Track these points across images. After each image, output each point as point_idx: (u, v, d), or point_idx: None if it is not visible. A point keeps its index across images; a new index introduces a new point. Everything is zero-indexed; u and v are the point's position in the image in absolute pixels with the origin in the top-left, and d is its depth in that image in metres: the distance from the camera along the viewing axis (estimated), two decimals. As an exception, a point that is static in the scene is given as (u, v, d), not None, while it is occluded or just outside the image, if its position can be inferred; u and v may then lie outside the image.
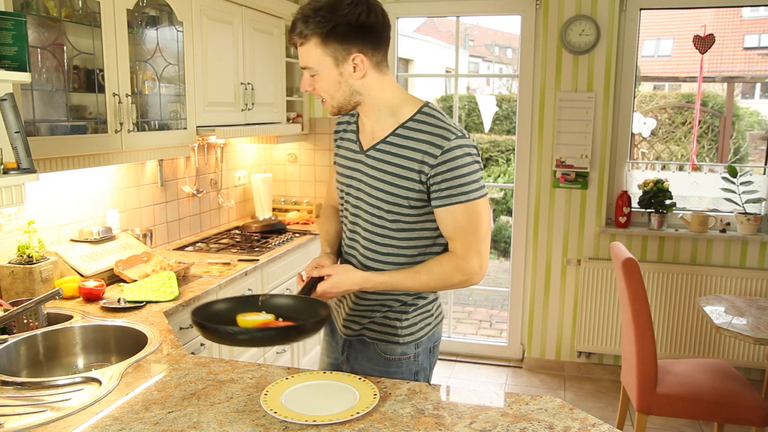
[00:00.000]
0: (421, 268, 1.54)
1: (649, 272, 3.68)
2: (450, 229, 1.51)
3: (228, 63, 3.07)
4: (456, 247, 1.52)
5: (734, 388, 2.65)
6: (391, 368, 1.63)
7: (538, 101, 3.78)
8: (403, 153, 1.50)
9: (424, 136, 1.48)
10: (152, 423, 1.33)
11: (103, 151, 2.29)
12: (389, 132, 1.53)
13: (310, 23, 1.43)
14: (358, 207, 1.59)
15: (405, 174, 1.49)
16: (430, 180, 1.47)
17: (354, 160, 1.61)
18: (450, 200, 1.47)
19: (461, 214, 1.48)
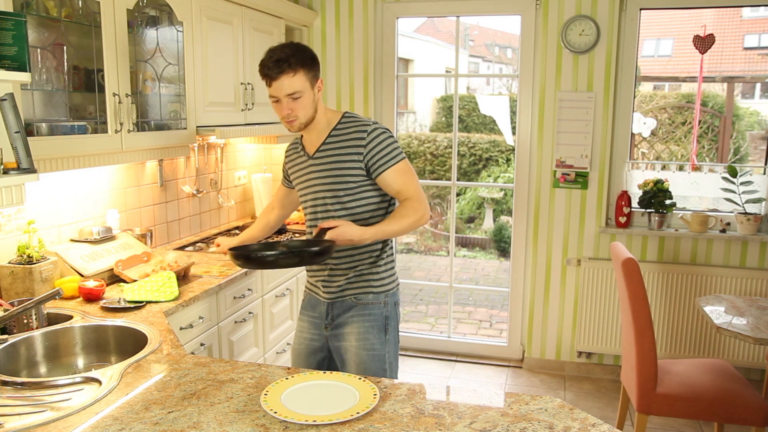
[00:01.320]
0: (394, 216, 2.00)
1: (649, 272, 3.68)
2: (396, 186, 2.02)
3: (228, 63, 3.07)
4: (408, 194, 2.02)
5: (734, 388, 2.65)
6: (366, 311, 2.09)
7: (538, 101, 3.78)
8: (340, 146, 2.03)
9: (351, 131, 2.04)
10: (152, 423, 1.33)
11: (103, 151, 2.29)
12: (325, 136, 2.06)
13: (295, 59, 1.93)
14: (317, 197, 2.08)
15: (347, 159, 2.02)
16: (366, 158, 2.00)
17: (306, 166, 2.11)
18: (387, 165, 2.01)
19: (401, 172, 2.02)
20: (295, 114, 1.99)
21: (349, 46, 3.99)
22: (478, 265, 7.42)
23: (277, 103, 1.99)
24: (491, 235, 7.89)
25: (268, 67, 1.95)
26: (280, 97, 1.96)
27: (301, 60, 1.96)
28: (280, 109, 1.99)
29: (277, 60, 1.93)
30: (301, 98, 1.97)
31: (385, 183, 2.03)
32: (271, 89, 1.97)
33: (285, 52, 1.94)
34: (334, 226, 1.93)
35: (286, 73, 1.93)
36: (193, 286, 2.47)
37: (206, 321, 2.49)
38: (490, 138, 8.55)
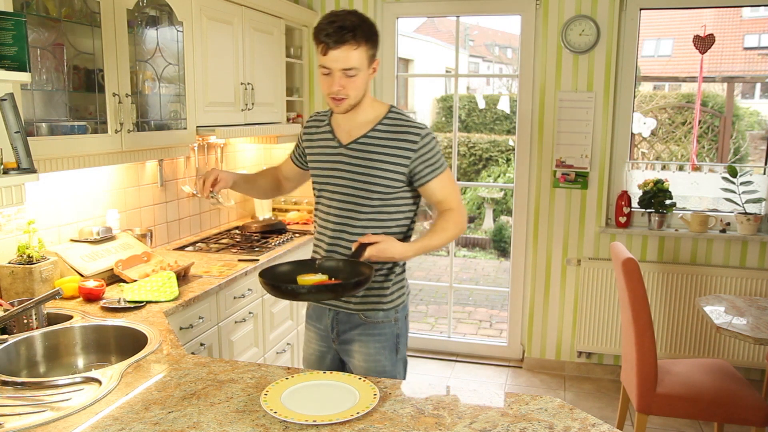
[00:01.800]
0: (438, 228, 1.87)
1: (649, 272, 3.68)
2: (440, 195, 1.89)
3: (228, 63, 3.07)
4: (450, 205, 1.90)
5: (734, 388, 2.65)
6: (376, 330, 1.92)
7: (538, 101, 3.78)
8: (385, 143, 1.84)
9: (401, 131, 1.84)
10: (152, 423, 1.33)
11: (103, 151, 2.29)
12: (367, 129, 1.87)
13: (360, 31, 1.74)
14: (343, 194, 1.88)
15: (391, 161, 1.83)
16: (413, 164, 1.83)
17: (334, 154, 1.90)
18: (434, 174, 1.86)
19: (445, 181, 1.88)
20: (346, 92, 1.78)
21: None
22: (478, 265, 7.42)
23: (327, 76, 1.78)
24: (491, 235, 7.89)
25: (328, 33, 1.72)
26: (333, 70, 1.75)
27: (366, 33, 1.76)
28: (329, 83, 1.78)
29: (340, 27, 1.71)
30: (357, 76, 1.77)
31: (429, 192, 1.89)
32: (326, 58, 1.75)
33: (351, 21, 1.73)
34: (374, 242, 1.75)
35: (348, 44, 1.72)
36: (193, 286, 2.47)
37: (206, 321, 2.49)
38: (490, 138, 8.55)
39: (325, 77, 1.78)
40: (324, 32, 1.73)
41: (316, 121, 2.01)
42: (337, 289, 1.67)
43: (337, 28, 1.71)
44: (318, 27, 1.75)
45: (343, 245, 1.89)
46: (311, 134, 2.00)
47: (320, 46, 1.75)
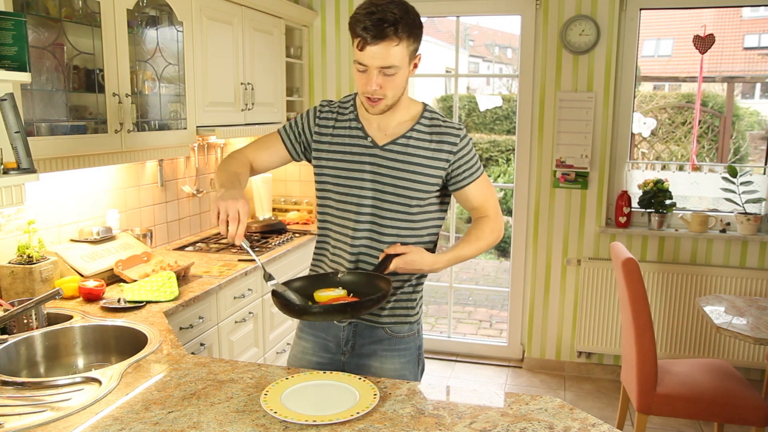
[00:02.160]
0: (472, 237, 1.74)
1: (649, 272, 3.68)
2: (477, 200, 1.76)
3: (228, 63, 3.07)
4: (487, 211, 1.77)
5: (734, 388, 2.65)
6: (401, 345, 1.77)
7: (538, 101, 3.78)
8: (424, 145, 1.69)
9: (441, 131, 1.70)
10: (152, 423, 1.33)
11: (103, 151, 2.29)
12: (405, 129, 1.70)
13: (404, 24, 1.54)
14: (376, 198, 1.69)
15: (430, 164, 1.68)
16: (452, 166, 1.70)
17: (365, 155, 1.70)
18: (472, 177, 1.73)
19: (482, 186, 1.76)
20: (383, 92, 1.60)
21: (349, 46, 3.99)
22: (478, 265, 7.42)
23: (363, 74, 1.59)
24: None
25: (365, 26, 1.52)
26: (370, 67, 1.56)
27: (410, 27, 1.56)
28: (365, 81, 1.59)
29: (380, 20, 1.52)
30: (396, 75, 1.58)
31: (466, 197, 1.75)
32: (362, 54, 1.55)
33: (393, 13, 1.53)
34: (402, 253, 1.62)
35: (389, 39, 1.53)
36: (193, 286, 2.47)
37: (206, 321, 2.49)
38: (490, 138, 8.55)
39: (360, 74, 1.60)
40: (361, 25, 1.53)
41: (332, 113, 1.77)
42: (348, 309, 1.52)
43: (376, 21, 1.51)
44: (355, 17, 1.56)
45: (372, 254, 1.72)
46: (326, 126, 1.75)
47: (357, 40, 1.55)
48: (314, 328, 1.82)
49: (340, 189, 1.72)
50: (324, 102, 1.79)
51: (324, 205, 1.78)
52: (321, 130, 1.75)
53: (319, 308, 1.54)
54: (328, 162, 1.74)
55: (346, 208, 1.72)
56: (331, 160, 1.73)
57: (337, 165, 1.72)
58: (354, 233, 1.71)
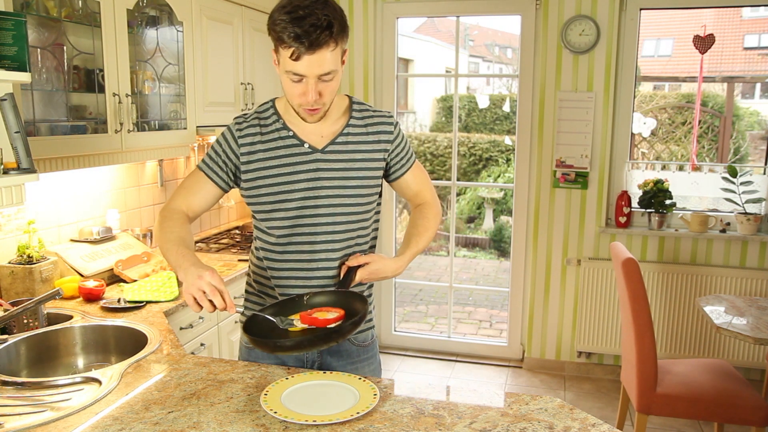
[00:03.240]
0: (421, 229, 1.69)
1: (649, 272, 3.68)
2: (415, 186, 1.74)
3: (228, 63, 3.07)
4: (425, 196, 1.75)
5: (734, 388, 2.65)
6: (368, 353, 1.72)
7: (538, 101, 3.78)
8: (362, 140, 1.63)
9: (375, 122, 1.65)
10: (152, 423, 1.33)
11: (103, 151, 2.29)
12: (340, 127, 1.62)
13: (338, 25, 1.43)
14: (319, 205, 1.58)
15: (371, 157, 1.63)
16: (390, 156, 1.67)
17: (305, 162, 1.58)
18: (409, 164, 1.72)
19: (418, 171, 1.75)
20: (323, 100, 1.49)
21: (348, 45, 3.99)
22: (478, 265, 7.42)
23: (299, 83, 1.46)
24: (491, 235, 7.89)
25: (298, 34, 1.38)
26: (308, 76, 1.44)
27: (342, 26, 1.45)
28: (302, 91, 1.46)
29: (313, 26, 1.38)
30: (333, 79, 1.48)
31: (406, 185, 1.73)
32: (297, 64, 1.42)
33: (324, 15, 1.40)
34: (364, 263, 1.55)
35: (325, 45, 1.41)
36: (193, 286, 2.47)
37: (206, 321, 2.49)
38: (490, 138, 8.55)
39: (295, 84, 1.46)
40: (290, 32, 1.39)
41: (253, 127, 1.60)
42: (333, 335, 1.38)
43: (309, 28, 1.38)
44: (278, 23, 1.40)
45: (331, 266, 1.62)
46: (252, 143, 1.59)
47: (288, 51, 1.41)
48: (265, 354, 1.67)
49: (286, 205, 1.58)
50: (238, 119, 1.63)
51: (267, 227, 1.62)
52: (247, 149, 1.59)
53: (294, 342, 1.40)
54: (265, 180, 1.58)
55: (297, 222, 1.59)
56: (268, 177, 1.58)
57: (276, 180, 1.57)
58: (311, 247, 1.59)
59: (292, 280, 1.63)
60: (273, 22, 1.43)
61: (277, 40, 1.43)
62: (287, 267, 1.63)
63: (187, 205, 1.64)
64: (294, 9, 1.40)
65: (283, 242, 1.61)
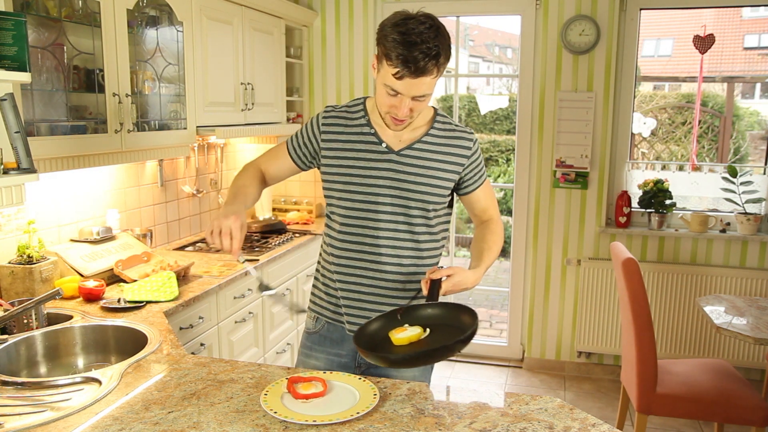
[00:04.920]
0: (491, 244, 1.73)
1: (649, 272, 3.68)
2: (484, 202, 1.80)
3: (228, 63, 3.07)
4: (491, 213, 1.81)
5: (734, 388, 2.65)
6: None
7: (538, 101, 3.78)
8: (440, 149, 1.69)
9: (456, 136, 1.71)
10: (152, 423, 1.33)
11: (103, 151, 2.29)
12: (420, 134, 1.69)
13: (444, 54, 1.51)
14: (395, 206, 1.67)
15: (445, 167, 1.68)
16: (465, 170, 1.72)
17: (380, 161, 1.67)
18: (481, 180, 1.77)
19: (488, 188, 1.81)
20: (412, 115, 1.59)
21: (349, 46, 3.99)
22: (478, 265, 7.41)
23: (393, 97, 1.55)
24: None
25: (407, 59, 1.47)
26: (405, 95, 1.53)
27: (447, 56, 1.53)
28: (395, 104, 1.56)
29: (423, 54, 1.47)
30: (426, 98, 1.57)
31: (473, 200, 1.78)
32: (398, 83, 1.51)
33: (436, 45, 1.48)
34: (447, 275, 1.56)
35: (429, 73, 1.50)
36: (193, 286, 2.47)
37: (206, 321, 2.49)
38: (490, 138, 8.55)
39: (389, 96, 1.55)
40: (400, 55, 1.47)
41: (339, 118, 1.73)
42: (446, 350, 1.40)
43: (419, 55, 1.46)
44: (390, 41, 1.49)
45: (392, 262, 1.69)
46: (335, 133, 1.71)
47: (393, 70, 1.49)
48: (325, 344, 1.79)
49: (354, 196, 1.68)
50: (329, 107, 1.77)
51: (333, 213, 1.75)
52: (329, 137, 1.72)
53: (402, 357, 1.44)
54: (340, 169, 1.69)
55: (362, 215, 1.69)
56: (343, 166, 1.69)
57: (351, 171, 1.68)
58: (373, 241, 1.68)
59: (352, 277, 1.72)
60: (384, 36, 1.53)
61: (384, 54, 1.52)
62: (348, 257, 1.72)
63: (266, 166, 1.84)
64: (408, 31, 1.48)
65: (346, 231, 1.71)
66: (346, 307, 1.73)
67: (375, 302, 1.71)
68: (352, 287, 1.72)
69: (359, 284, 1.71)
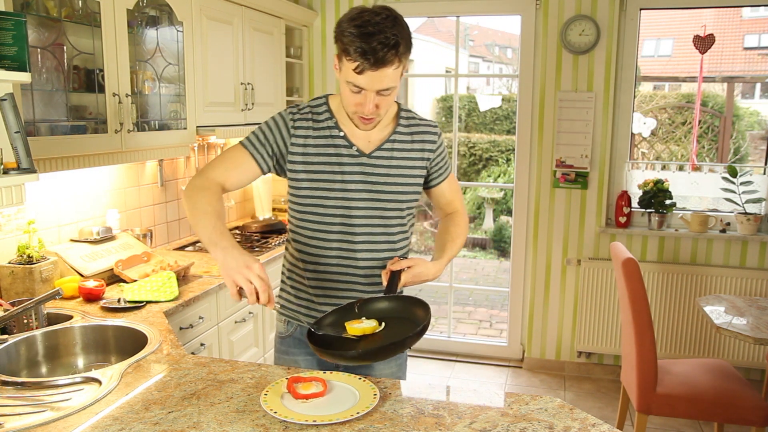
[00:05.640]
0: (454, 236, 1.74)
1: (649, 272, 3.68)
2: (449, 195, 1.81)
3: (228, 63, 3.07)
4: (456, 206, 1.83)
5: (734, 388, 2.65)
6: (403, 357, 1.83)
7: (538, 101, 3.78)
8: (407, 147, 1.68)
9: (421, 130, 1.71)
10: (152, 423, 1.33)
11: (103, 151, 2.29)
12: (387, 134, 1.67)
13: (404, 43, 1.47)
14: (369, 208, 1.65)
15: (415, 164, 1.69)
16: (432, 163, 1.72)
17: (352, 164, 1.63)
18: (447, 173, 1.78)
19: (453, 180, 1.82)
20: (379, 112, 1.55)
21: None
22: (478, 265, 7.42)
23: (358, 94, 1.51)
24: (491, 235, 7.89)
25: (365, 51, 1.43)
26: (368, 90, 1.49)
27: (408, 44, 1.49)
28: (360, 101, 1.52)
29: (381, 44, 1.42)
30: (392, 93, 1.52)
31: (439, 193, 1.79)
32: (360, 77, 1.47)
33: (394, 35, 1.44)
34: (406, 267, 1.56)
35: (390, 63, 1.46)
36: (193, 286, 2.47)
37: (206, 321, 2.49)
38: (490, 138, 8.55)
39: (353, 94, 1.51)
40: (359, 49, 1.43)
41: (307, 120, 1.65)
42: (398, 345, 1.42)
43: (378, 45, 1.42)
44: (347, 35, 1.45)
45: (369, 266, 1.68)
46: (304, 136, 1.63)
47: (353, 64, 1.45)
48: (301, 347, 1.77)
49: (328, 202, 1.64)
50: (292, 108, 1.68)
51: (303, 220, 1.68)
52: (298, 140, 1.64)
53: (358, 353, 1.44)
54: (309, 174, 1.63)
55: (337, 221, 1.65)
56: (313, 172, 1.63)
57: (320, 177, 1.63)
58: (350, 246, 1.65)
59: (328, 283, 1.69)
60: (341, 32, 1.48)
61: (343, 50, 1.48)
62: (324, 263, 1.68)
63: (225, 177, 1.63)
64: (364, 24, 1.44)
65: (320, 237, 1.67)
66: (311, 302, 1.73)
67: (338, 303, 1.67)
68: (330, 292, 1.69)
69: (337, 289, 1.69)
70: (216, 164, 1.65)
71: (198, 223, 1.50)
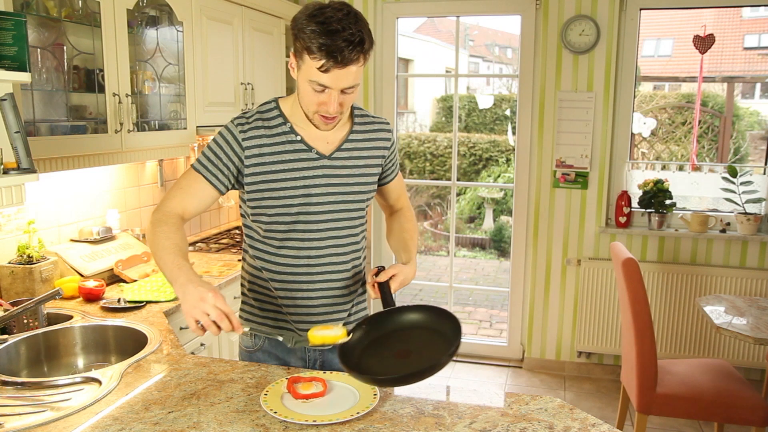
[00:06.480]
0: (411, 231, 1.77)
1: (649, 272, 3.68)
2: (398, 191, 1.83)
3: (228, 63, 3.07)
4: (403, 202, 1.85)
5: (734, 388, 2.65)
6: None
7: (538, 101, 3.78)
8: (364, 146, 1.67)
9: (375, 128, 1.70)
10: (152, 423, 1.33)
11: (103, 151, 2.29)
12: (345, 133, 1.65)
13: (368, 40, 1.45)
14: (332, 211, 1.62)
15: (372, 163, 1.68)
16: (387, 161, 1.73)
17: (312, 168, 1.59)
18: (397, 170, 1.80)
19: (400, 177, 1.84)
20: (342, 110, 1.52)
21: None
22: (478, 265, 7.42)
23: (321, 93, 1.47)
24: (491, 235, 7.89)
25: (330, 49, 1.39)
26: (333, 89, 1.46)
27: (371, 42, 1.46)
28: (324, 101, 1.48)
29: (347, 42, 1.39)
30: (354, 90, 1.50)
31: (389, 190, 1.80)
32: (324, 76, 1.43)
33: (359, 32, 1.41)
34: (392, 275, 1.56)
35: (356, 61, 1.44)
36: (193, 286, 2.47)
37: (206, 321, 2.49)
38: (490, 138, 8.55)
39: (316, 93, 1.47)
40: (322, 46, 1.39)
41: (257, 129, 1.58)
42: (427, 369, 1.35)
43: (343, 43, 1.39)
44: (308, 34, 1.40)
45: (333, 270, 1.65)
46: (258, 146, 1.56)
47: (318, 63, 1.41)
48: (271, 359, 1.71)
49: (290, 209, 1.59)
50: (239, 119, 1.59)
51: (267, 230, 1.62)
52: (252, 152, 1.56)
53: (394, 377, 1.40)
54: (269, 184, 1.57)
55: (301, 227, 1.61)
56: (272, 181, 1.57)
57: (281, 185, 1.57)
58: (317, 252, 1.62)
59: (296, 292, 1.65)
60: (300, 29, 1.42)
61: (305, 48, 1.42)
62: (291, 272, 1.64)
63: (183, 207, 1.58)
64: (326, 20, 1.39)
65: (286, 246, 1.62)
66: (295, 322, 1.66)
67: (325, 309, 1.66)
68: (299, 302, 1.65)
69: (307, 298, 1.65)
70: (172, 195, 1.60)
71: (159, 260, 1.47)
